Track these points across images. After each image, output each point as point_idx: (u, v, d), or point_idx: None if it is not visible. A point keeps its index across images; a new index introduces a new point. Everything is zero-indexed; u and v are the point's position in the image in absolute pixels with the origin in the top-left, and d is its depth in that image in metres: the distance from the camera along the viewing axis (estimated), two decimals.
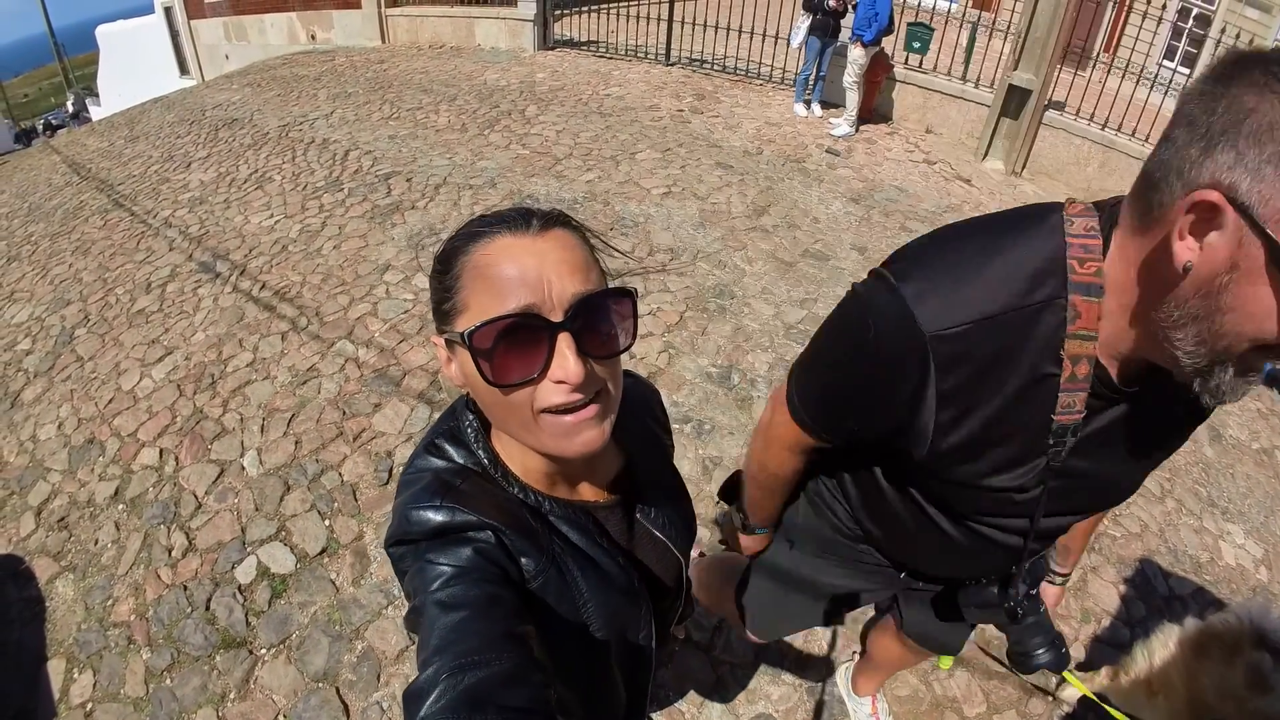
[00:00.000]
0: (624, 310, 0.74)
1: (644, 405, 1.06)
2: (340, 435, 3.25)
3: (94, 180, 6.86)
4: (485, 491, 0.79)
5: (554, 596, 0.79)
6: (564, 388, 0.69)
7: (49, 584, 2.84)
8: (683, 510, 1.04)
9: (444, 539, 0.73)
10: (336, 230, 4.95)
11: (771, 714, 2.31)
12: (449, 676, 0.58)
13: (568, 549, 0.82)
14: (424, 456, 0.83)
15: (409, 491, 0.78)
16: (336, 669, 2.39)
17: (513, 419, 0.73)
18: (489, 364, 0.68)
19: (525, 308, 0.67)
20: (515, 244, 0.69)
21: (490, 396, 0.72)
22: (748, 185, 5.57)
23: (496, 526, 0.74)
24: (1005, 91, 6.66)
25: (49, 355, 4.20)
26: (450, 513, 0.74)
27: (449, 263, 0.72)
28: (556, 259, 0.69)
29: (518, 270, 0.68)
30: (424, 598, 0.68)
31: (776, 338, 3.89)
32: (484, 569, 0.71)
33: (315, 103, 7.85)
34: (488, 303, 0.68)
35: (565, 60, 8.95)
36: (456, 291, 0.71)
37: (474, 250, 0.71)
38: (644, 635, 0.93)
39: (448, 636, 0.63)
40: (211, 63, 12.60)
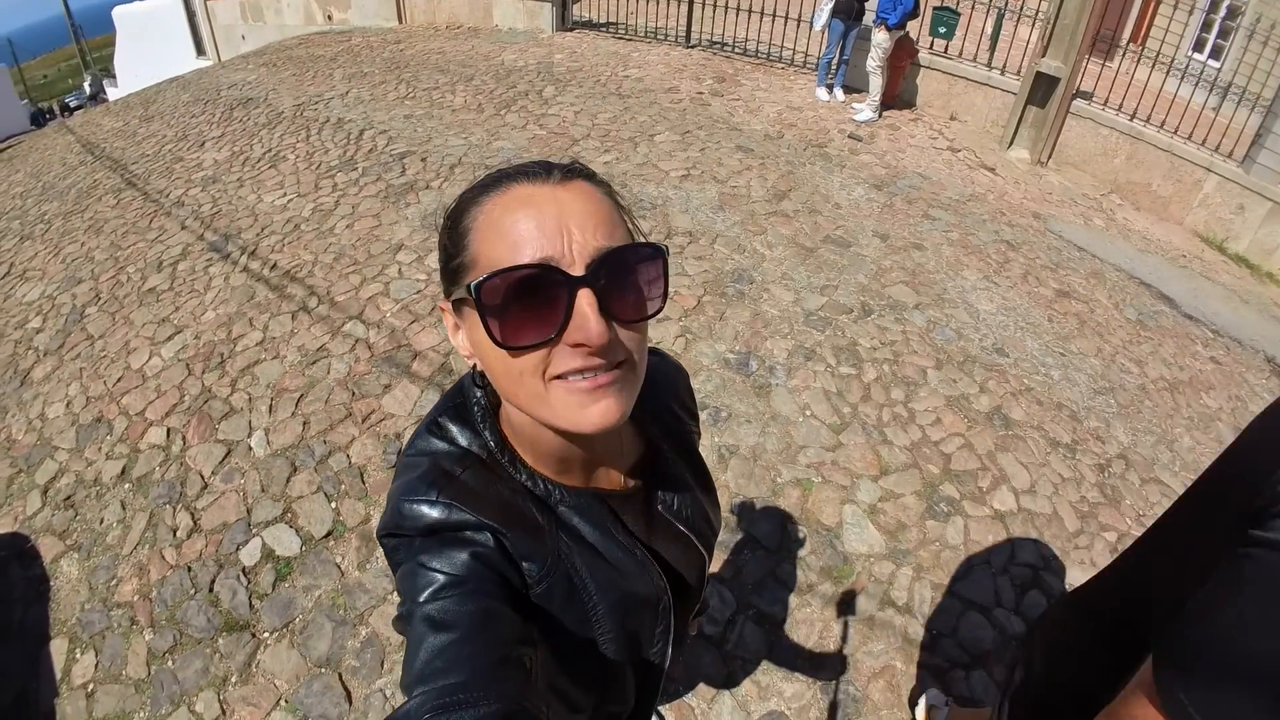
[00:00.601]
0: (654, 270, 0.64)
1: (668, 386, 0.96)
2: (349, 416, 3.18)
3: (107, 160, 6.84)
4: (487, 483, 0.71)
5: (560, 601, 0.71)
6: (582, 351, 0.59)
7: (53, 563, 2.80)
8: (707, 502, 0.95)
9: (439, 538, 0.66)
10: (350, 210, 4.88)
11: (784, 711, 2.23)
12: (432, 715, 0.52)
13: (576, 545, 0.74)
14: (425, 437, 0.75)
15: (405, 479, 0.71)
16: (340, 654, 2.33)
17: (523, 389, 0.63)
18: (498, 322, 0.59)
19: (542, 259, 0.58)
20: (534, 192, 0.61)
21: (499, 363, 0.63)
22: (768, 169, 5.44)
23: (495, 527, 0.67)
24: (1032, 79, 6.47)
25: (59, 334, 4.17)
26: (447, 510, 0.66)
27: (460, 215, 0.65)
28: (580, 209, 0.61)
29: (535, 219, 0.59)
30: (413, 607, 0.62)
31: (796, 324, 3.78)
32: (480, 578, 0.64)
33: (331, 82, 7.77)
34: (500, 254, 0.60)
35: (584, 41, 8.83)
36: (466, 246, 0.63)
37: (487, 200, 0.63)
38: (660, 632, 0.85)
39: (433, 664, 0.56)
40: (228, 43, 12.56)
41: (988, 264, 4.64)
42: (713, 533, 0.96)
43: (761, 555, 2.65)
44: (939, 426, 3.26)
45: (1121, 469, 3.24)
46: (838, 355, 3.60)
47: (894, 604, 2.55)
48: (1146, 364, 4.04)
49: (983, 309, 4.14)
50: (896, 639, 2.44)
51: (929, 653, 2.41)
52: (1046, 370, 3.75)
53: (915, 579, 2.63)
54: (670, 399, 0.95)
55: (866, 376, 3.49)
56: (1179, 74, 6.63)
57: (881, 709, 2.26)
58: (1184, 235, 6.16)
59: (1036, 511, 2.93)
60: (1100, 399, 3.64)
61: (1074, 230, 5.48)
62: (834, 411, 3.28)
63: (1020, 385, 3.59)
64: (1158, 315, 4.60)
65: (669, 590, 0.84)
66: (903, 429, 3.23)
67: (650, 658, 0.87)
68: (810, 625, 2.46)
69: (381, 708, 2.21)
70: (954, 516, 2.87)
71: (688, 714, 2.22)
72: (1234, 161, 6.02)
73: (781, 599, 2.53)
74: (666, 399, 0.94)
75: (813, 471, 2.98)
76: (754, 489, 2.89)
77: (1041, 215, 5.58)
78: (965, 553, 2.74)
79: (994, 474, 3.07)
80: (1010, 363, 3.74)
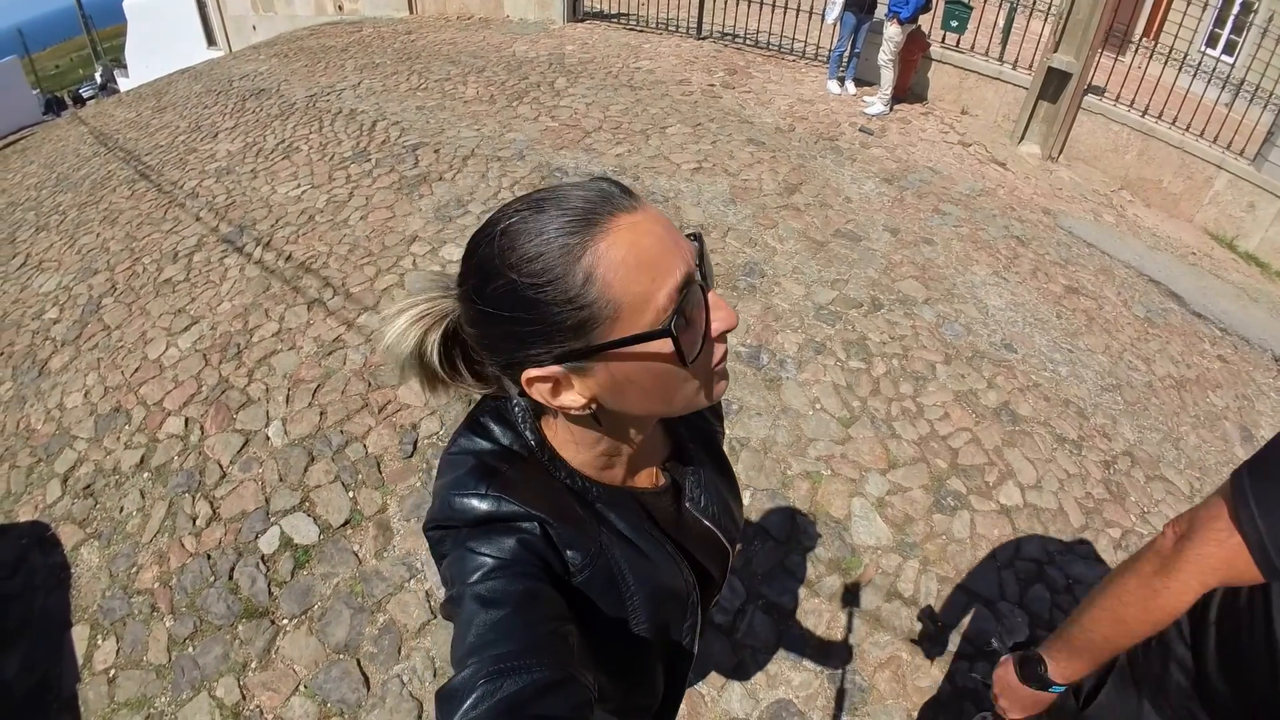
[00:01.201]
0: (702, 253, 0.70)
1: None
2: (365, 407, 3.23)
3: (121, 151, 6.88)
4: (532, 478, 0.74)
5: (599, 590, 0.75)
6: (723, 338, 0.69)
7: (74, 551, 2.86)
8: (731, 499, 0.98)
9: (486, 527, 0.69)
10: (363, 201, 4.92)
11: (792, 699, 2.27)
12: (486, 682, 0.55)
13: (615, 539, 0.77)
14: (468, 436, 0.78)
15: (452, 475, 0.74)
16: (358, 641, 2.38)
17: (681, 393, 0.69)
18: (683, 345, 0.63)
19: (687, 274, 0.63)
20: (637, 220, 0.62)
21: (659, 382, 0.66)
22: (779, 162, 5.45)
23: (543, 518, 0.70)
24: (1044, 74, 6.45)
25: (76, 324, 4.22)
26: (496, 502, 0.69)
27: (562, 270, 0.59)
28: (661, 219, 0.65)
29: (656, 243, 0.62)
30: (462, 589, 0.65)
31: (807, 318, 3.81)
32: (526, 562, 0.67)
33: (343, 73, 7.79)
34: (644, 287, 0.60)
35: (595, 32, 8.82)
36: (592, 297, 0.59)
37: (596, 242, 0.59)
38: (689, 626, 0.89)
39: (486, 635, 0.59)
40: (239, 34, 12.58)
41: (997, 259, 4.65)
42: (736, 528, 0.99)
43: (771, 546, 2.69)
44: (947, 421, 3.29)
45: (1127, 466, 3.26)
46: (848, 349, 3.63)
47: (900, 596, 2.59)
48: (1154, 361, 4.05)
49: (992, 304, 4.16)
50: (903, 630, 2.48)
51: (935, 644, 2.44)
52: (1054, 366, 3.77)
53: (921, 572, 2.67)
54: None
55: (876, 371, 3.52)
56: (1191, 70, 6.59)
57: (887, 698, 2.30)
58: (1194, 232, 6.14)
59: (1042, 507, 2.96)
60: (1107, 395, 3.66)
61: (1084, 226, 5.47)
62: (843, 405, 3.30)
63: (1028, 381, 3.61)
64: (1166, 313, 4.60)
65: (697, 585, 0.88)
66: (911, 423, 3.25)
67: (680, 649, 0.90)
68: (818, 615, 2.50)
69: (399, 693, 2.26)
70: (960, 510, 2.90)
71: (698, 701, 2.27)
72: (1245, 159, 5.99)
73: (790, 589, 2.56)
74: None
75: (822, 464, 3.01)
76: (764, 481, 2.92)
77: (1051, 211, 5.58)
78: (971, 546, 2.78)
79: (1000, 469, 3.10)
80: (1018, 358, 3.76)
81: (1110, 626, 1.05)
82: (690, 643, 0.91)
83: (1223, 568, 0.92)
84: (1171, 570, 0.96)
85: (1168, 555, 0.98)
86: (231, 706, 2.26)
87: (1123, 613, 1.03)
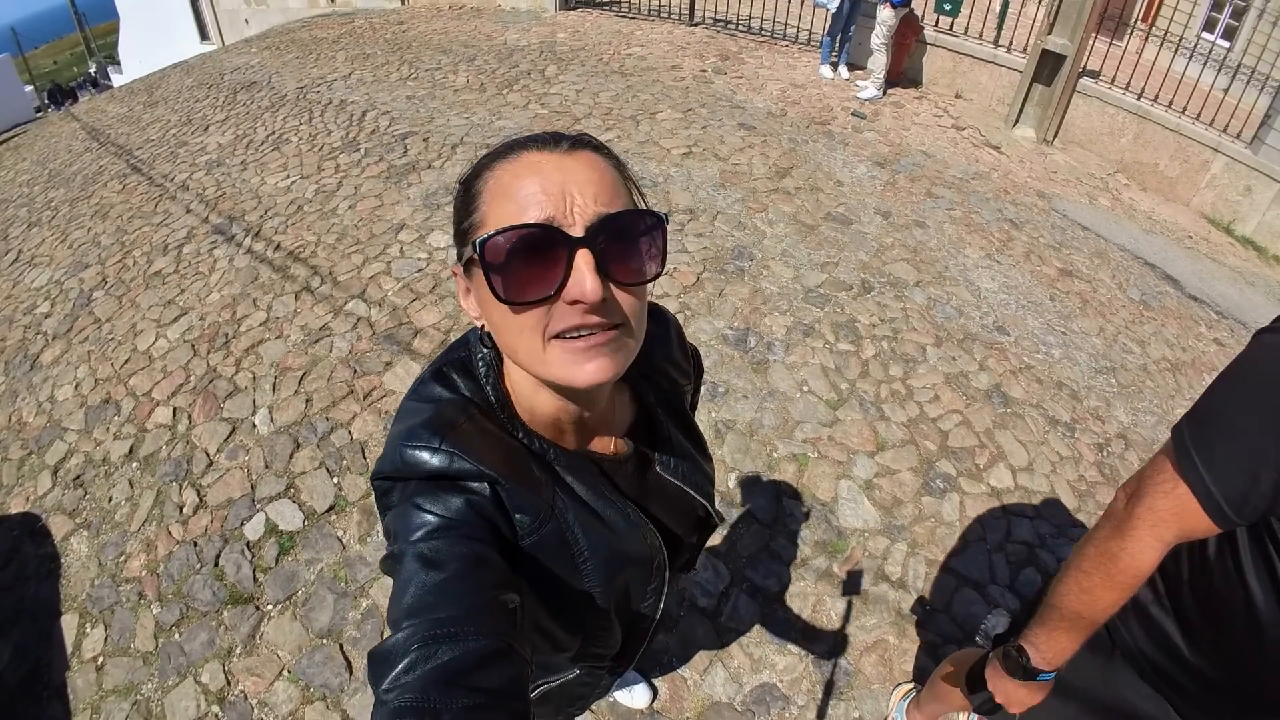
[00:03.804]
0: (653, 237, 0.67)
1: (662, 346, 0.97)
2: (351, 394, 3.22)
3: (113, 145, 6.87)
4: (489, 434, 0.73)
5: (550, 553, 0.74)
6: (579, 309, 0.62)
7: (64, 541, 2.86)
8: (700, 457, 0.98)
9: (437, 483, 0.68)
10: (352, 190, 4.90)
11: (776, 683, 2.26)
12: (421, 646, 0.54)
13: (572, 503, 0.76)
14: (429, 384, 0.77)
15: (408, 423, 0.72)
16: (341, 625, 2.38)
17: (523, 345, 0.66)
18: (501, 279, 0.62)
19: (545, 219, 0.61)
20: (541, 159, 0.65)
21: (502, 320, 0.65)
22: (770, 147, 5.42)
23: (495, 478, 0.69)
24: (1038, 56, 6.39)
25: (67, 318, 4.22)
26: (448, 458, 0.68)
27: (473, 180, 0.69)
28: (583, 176, 0.64)
29: (540, 183, 0.63)
30: (405, 545, 0.64)
31: (795, 301, 3.79)
32: (473, 524, 0.66)
33: (334, 65, 7.77)
34: (506, 216, 0.63)
35: (586, 20, 8.77)
36: (476, 208, 0.67)
37: (498, 166, 0.67)
38: (652, 588, 0.89)
39: (425, 598, 0.58)
40: (231, 28, 12.55)
41: (990, 242, 4.62)
42: (709, 483, 0.99)
43: (756, 529, 2.68)
44: (937, 403, 3.27)
45: (1121, 449, 3.24)
46: (836, 332, 3.61)
47: (888, 579, 2.58)
48: (1149, 344, 4.03)
49: (984, 287, 4.13)
50: (890, 614, 2.47)
51: (922, 628, 2.43)
52: (1047, 349, 3.75)
53: (910, 554, 2.65)
54: (663, 359, 0.96)
55: (865, 353, 3.50)
56: (1187, 52, 6.52)
57: (874, 683, 2.29)
58: (1191, 216, 6.10)
59: (1034, 489, 2.95)
60: (1101, 378, 3.64)
61: (1079, 210, 5.44)
62: (832, 388, 3.29)
63: (1020, 363, 3.59)
64: (1162, 296, 4.58)
65: (663, 548, 0.88)
66: (900, 405, 3.24)
67: (641, 610, 0.90)
68: (804, 599, 2.49)
69: None
70: (950, 493, 2.89)
71: (680, 685, 2.26)
72: (1242, 143, 5.94)
73: (776, 572, 2.56)
74: (659, 360, 0.95)
75: (809, 447, 3.00)
76: (750, 464, 2.91)
77: (1046, 194, 5.54)
78: (961, 529, 2.76)
79: (991, 451, 3.08)
80: (1011, 341, 3.73)
81: (1077, 599, 1.05)
82: (654, 604, 0.90)
83: (1173, 520, 0.93)
84: (1125, 531, 0.97)
85: (1121, 517, 0.99)
86: (216, 692, 2.26)
87: (1086, 583, 1.03)
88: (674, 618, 2.40)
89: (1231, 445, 0.88)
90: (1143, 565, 0.98)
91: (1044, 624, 1.10)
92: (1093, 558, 1.02)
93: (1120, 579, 0.99)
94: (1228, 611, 0.97)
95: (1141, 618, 1.11)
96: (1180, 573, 1.04)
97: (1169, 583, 1.07)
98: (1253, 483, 0.85)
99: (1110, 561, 0.99)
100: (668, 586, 0.93)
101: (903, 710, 2.14)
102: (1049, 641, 1.10)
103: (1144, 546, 0.96)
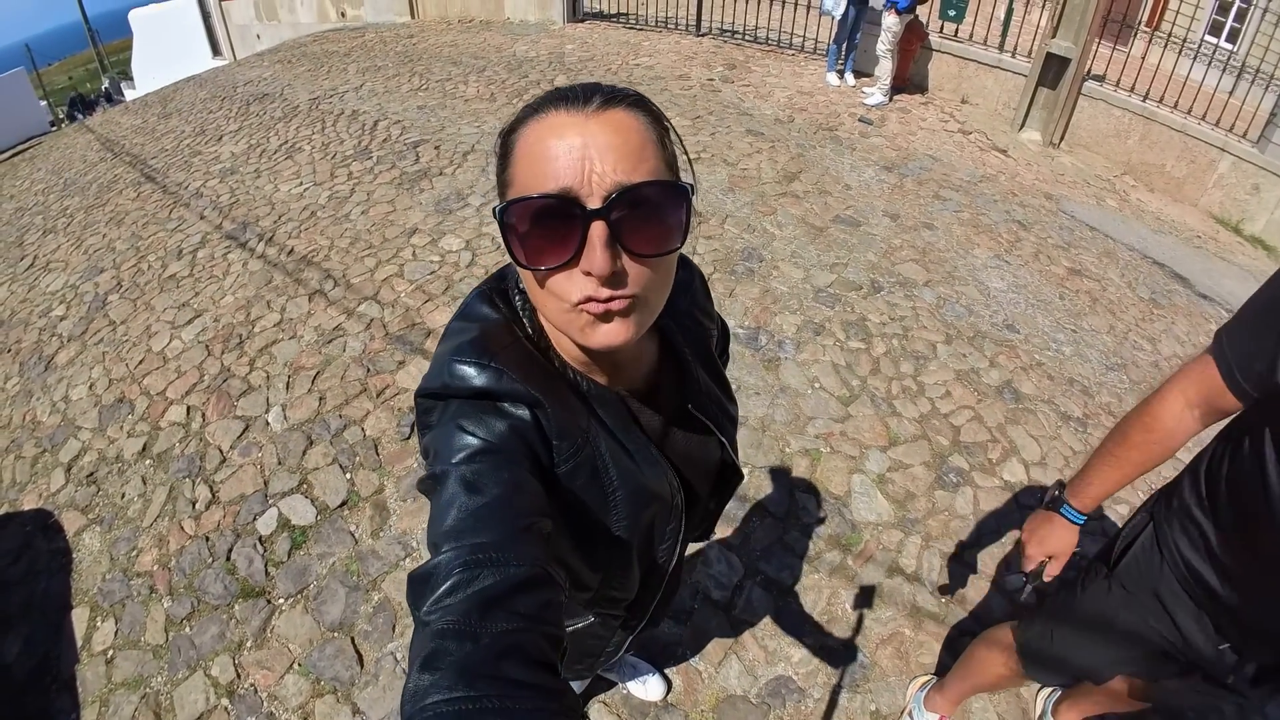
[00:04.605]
0: (674, 208, 0.65)
1: (689, 292, 0.97)
2: (364, 392, 3.23)
3: (127, 155, 6.95)
4: (532, 358, 0.74)
5: (582, 481, 0.75)
6: (592, 281, 0.62)
7: (76, 536, 2.87)
8: (725, 398, 0.99)
9: (478, 404, 0.69)
10: (365, 196, 4.94)
11: (791, 676, 2.24)
12: (462, 570, 0.55)
13: (603, 433, 0.77)
14: (476, 304, 0.78)
15: (455, 341, 0.73)
16: (352, 619, 2.38)
17: (547, 304, 0.67)
18: (521, 246, 0.63)
19: (562, 190, 0.61)
20: (566, 121, 0.63)
21: (529, 278, 0.67)
22: (778, 152, 5.44)
23: (538, 400, 0.70)
24: (1043, 59, 6.42)
25: (82, 320, 4.26)
26: (497, 376, 0.69)
27: (510, 132, 0.69)
28: (604, 142, 0.62)
29: (562, 150, 0.62)
30: (447, 467, 0.65)
31: (805, 300, 3.79)
32: (514, 449, 0.67)
33: (345, 76, 7.85)
34: (530, 180, 0.63)
35: (595, 32, 8.85)
36: (510, 164, 0.67)
37: (530, 122, 0.66)
38: (671, 529, 0.90)
39: (466, 521, 0.60)
40: (243, 43, 12.70)
41: (999, 243, 4.62)
42: (732, 424, 0.99)
43: (770, 522, 2.67)
44: (948, 399, 3.26)
45: None
46: (847, 330, 3.61)
47: (903, 572, 2.56)
48: (1159, 341, 4.01)
49: (993, 286, 4.13)
50: (905, 606, 2.45)
51: (937, 621, 2.41)
52: (1058, 346, 3.73)
53: (924, 547, 2.64)
54: (689, 303, 0.97)
55: (876, 350, 3.49)
56: (1191, 54, 6.53)
57: (889, 675, 2.27)
58: (1198, 216, 6.08)
59: (1047, 483, 2.93)
60: (1112, 375, 3.62)
61: (1086, 211, 5.44)
62: (843, 384, 3.28)
63: (1031, 360, 3.58)
64: (1171, 294, 4.56)
65: (681, 490, 0.88)
66: (912, 401, 3.23)
67: (658, 554, 0.90)
68: (818, 591, 2.48)
69: (393, 670, 2.25)
70: (963, 487, 2.87)
71: (695, 678, 2.24)
72: (1249, 142, 5.93)
73: (790, 565, 2.54)
74: (685, 304, 0.96)
75: (821, 442, 2.99)
76: (762, 458, 2.90)
77: (1053, 196, 5.54)
78: (974, 522, 2.74)
79: (1004, 446, 3.07)
80: (1021, 338, 3.72)
81: (1114, 442, 1.26)
82: (670, 548, 0.91)
83: (1196, 379, 1.15)
84: (1160, 390, 1.21)
85: (1159, 385, 1.23)
86: (226, 685, 2.26)
87: (1124, 427, 1.26)
88: (687, 610, 2.39)
89: (1244, 332, 1.10)
90: (1168, 416, 1.18)
91: (1084, 467, 1.32)
92: (1132, 412, 1.25)
93: (1149, 423, 1.21)
94: (1254, 505, 1.07)
95: (1184, 519, 1.22)
96: (1219, 476, 1.16)
97: (1210, 487, 1.18)
98: (1251, 360, 1.06)
99: (1144, 409, 1.22)
100: (683, 534, 0.94)
101: (920, 700, 2.12)
102: (1084, 481, 1.30)
103: (1172, 399, 1.18)
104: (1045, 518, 1.36)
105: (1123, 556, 1.32)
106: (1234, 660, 1.21)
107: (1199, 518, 1.19)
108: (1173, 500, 1.25)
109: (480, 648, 0.50)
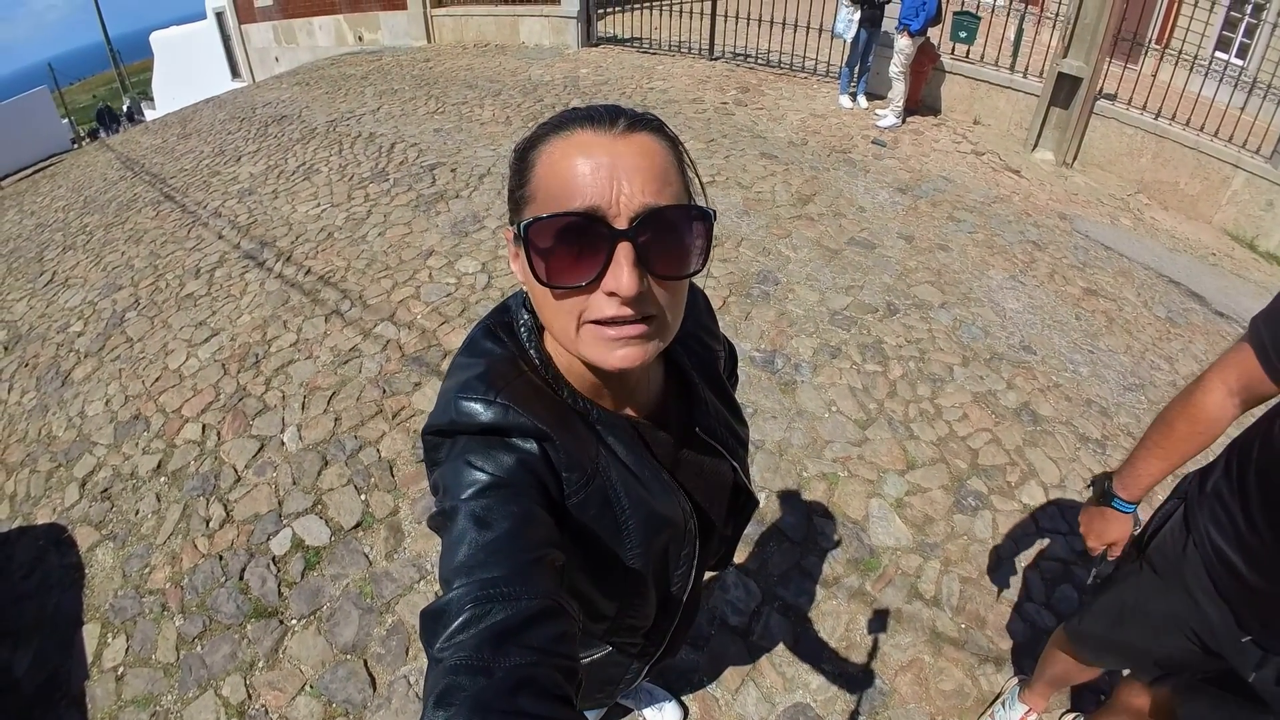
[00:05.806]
0: (698, 232, 0.66)
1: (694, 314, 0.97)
2: (380, 413, 3.23)
3: (147, 174, 7.04)
4: (539, 390, 0.74)
5: (594, 512, 0.74)
6: (615, 301, 0.62)
7: (89, 552, 2.87)
8: (734, 420, 0.98)
9: (486, 440, 0.69)
10: (382, 218, 4.98)
11: (809, 703, 2.21)
12: (474, 605, 0.55)
13: (614, 462, 0.77)
14: (480, 341, 0.78)
15: (461, 377, 0.73)
16: (365, 641, 2.36)
17: (558, 324, 0.67)
18: (544, 262, 0.63)
19: (589, 209, 0.61)
20: (594, 140, 0.63)
21: (543, 296, 0.67)
22: (792, 175, 5.46)
23: (546, 434, 0.69)
24: (1055, 80, 6.43)
25: (100, 336, 4.29)
26: (503, 412, 0.69)
27: (529, 149, 0.68)
28: (632, 164, 0.62)
29: (590, 168, 0.62)
30: (456, 503, 0.65)
31: (821, 323, 3.78)
32: (522, 483, 0.67)
33: (362, 99, 7.95)
34: (554, 197, 0.63)
35: (609, 56, 8.94)
36: (529, 180, 0.66)
37: (553, 139, 0.65)
38: (685, 554, 0.88)
39: (476, 556, 0.59)
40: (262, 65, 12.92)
41: (1014, 264, 4.60)
42: (742, 447, 0.99)
43: (787, 547, 2.64)
44: (966, 422, 3.23)
45: None
46: (863, 353, 3.59)
47: (921, 597, 2.52)
48: (1177, 360, 3.97)
49: (1009, 307, 4.10)
50: (925, 632, 2.41)
51: (957, 646, 2.37)
52: (1075, 367, 3.70)
53: (943, 572, 2.60)
54: (696, 326, 0.97)
55: (892, 373, 3.47)
56: (1202, 71, 6.53)
57: (909, 702, 2.22)
58: (1213, 233, 6.05)
59: (1067, 505, 2.88)
60: (1130, 395, 3.58)
61: (1101, 230, 5.41)
62: (860, 407, 3.26)
63: (1048, 381, 3.55)
64: (1188, 313, 4.52)
65: (694, 515, 0.87)
66: (929, 424, 3.20)
67: (673, 580, 0.88)
68: (836, 617, 2.44)
69: (405, 694, 2.22)
70: (982, 510, 2.83)
71: (712, 705, 2.21)
72: (1262, 157, 5.89)
73: (808, 590, 2.51)
74: (693, 326, 0.96)
75: (839, 466, 2.96)
76: (779, 483, 2.88)
77: (1068, 215, 5.52)
78: (994, 546, 2.71)
79: (1022, 468, 3.03)
80: (1038, 360, 3.69)
81: (1159, 431, 1.29)
82: (685, 574, 0.89)
83: (1235, 366, 1.18)
84: (1200, 379, 1.24)
85: (1200, 375, 1.25)
86: (237, 705, 2.24)
87: (1168, 415, 1.29)
88: (705, 636, 2.36)
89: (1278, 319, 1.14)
90: (1211, 404, 1.21)
91: (1130, 460, 1.34)
92: (1174, 401, 1.28)
93: (1193, 412, 1.23)
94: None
95: (1214, 504, 1.26)
96: (1250, 461, 1.20)
97: (1241, 472, 1.22)
98: None
99: (1187, 400, 1.24)
100: (699, 560, 0.93)
101: (1015, 693, 2.12)
102: (1132, 474, 1.33)
103: (1213, 388, 1.21)
104: (1098, 513, 1.41)
105: (1153, 538, 1.40)
106: (1257, 656, 1.23)
107: (1229, 503, 1.23)
108: (1205, 485, 1.29)
109: (494, 682, 0.50)
